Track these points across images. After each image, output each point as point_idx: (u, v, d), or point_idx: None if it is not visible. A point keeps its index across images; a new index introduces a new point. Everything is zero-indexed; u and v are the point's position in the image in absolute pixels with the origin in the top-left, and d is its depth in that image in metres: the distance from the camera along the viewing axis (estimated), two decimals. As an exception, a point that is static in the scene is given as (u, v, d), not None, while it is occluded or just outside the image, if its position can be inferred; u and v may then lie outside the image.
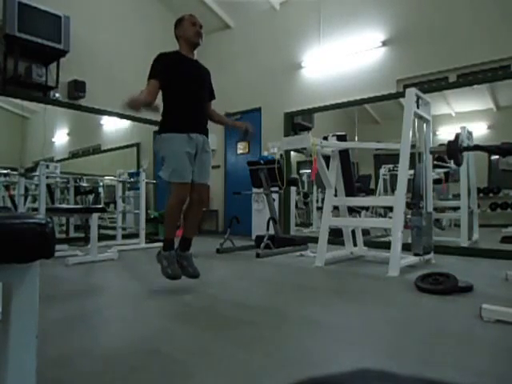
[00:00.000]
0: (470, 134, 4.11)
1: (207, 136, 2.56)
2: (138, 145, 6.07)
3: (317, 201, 5.89)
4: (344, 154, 3.61)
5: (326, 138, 3.45)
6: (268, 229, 4.28)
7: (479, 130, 4.53)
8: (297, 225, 5.77)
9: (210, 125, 2.83)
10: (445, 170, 4.68)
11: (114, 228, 5.34)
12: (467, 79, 4.40)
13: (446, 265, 3.24)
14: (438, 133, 4.54)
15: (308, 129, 5.70)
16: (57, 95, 4.92)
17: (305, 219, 6.22)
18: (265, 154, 5.61)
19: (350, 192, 3.64)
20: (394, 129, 3.35)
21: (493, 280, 2.69)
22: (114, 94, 5.51)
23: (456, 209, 4.34)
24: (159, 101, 2.47)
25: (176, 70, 2.44)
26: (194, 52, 2.59)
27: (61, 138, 5.61)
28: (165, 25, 6.47)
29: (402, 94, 3.83)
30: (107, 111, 5.55)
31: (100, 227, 4.16)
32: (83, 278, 2.96)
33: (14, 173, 4.62)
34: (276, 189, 4.56)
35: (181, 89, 2.45)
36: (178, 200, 2.37)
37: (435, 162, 3.94)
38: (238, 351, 1.43)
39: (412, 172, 3.45)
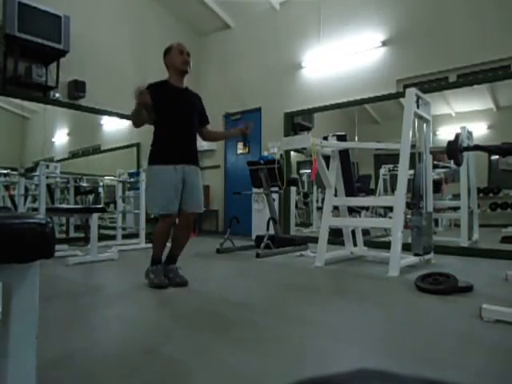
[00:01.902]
0: (470, 133, 4.11)
1: (197, 165, 2.62)
2: (137, 145, 6.07)
3: (317, 201, 5.89)
4: (344, 154, 3.61)
5: (326, 138, 3.45)
6: (268, 229, 4.28)
7: (479, 130, 4.53)
8: (297, 225, 5.77)
9: (211, 125, 2.83)
10: (444, 170, 4.68)
11: (114, 228, 5.33)
12: (467, 79, 4.40)
13: (445, 265, 3.24)
14: (437, 133, 4.54)
15: (308, 129, 5.69)
16: (57, 95, 4.92)
17: (305, 219, 6.22)
18: (265, 154, 5.61)
19: (350, 192, 3.64)
20: (394, 129, 3.35)
21: (493, 280, 2.69)
22: (114, 94, 5.53)
23: (456, 209, 4.34)
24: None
25: (165, 101, 2.49)
26: (183, 80, 2.60)
27: (61, 138, 5.61)
28: (165, 25, 6.50)
29: (401, 94, 3.83)
30: (107, 111, 5.55)
31: (100, 227, 4.15)
32: (83, 278, 2.96)
33: (14, 173, 4.62)
34: (276, 189, 4.56)
35: (170, 120, 2.50)
36: (164, 228, 2.54)
37: (435, 162, 3.94)
38: (238, 351, 1.43)
39: (412, 172, 3.45)
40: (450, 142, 2.19)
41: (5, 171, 4.68)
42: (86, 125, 5.72)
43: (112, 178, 5.52)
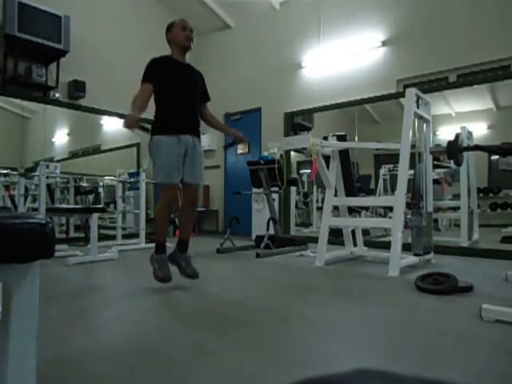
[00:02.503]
0: (470, 133, 4.11)
1: (199, 137, 2.61)
2: (137, 145, 6.07)
3: (317, 201, 5.89)
4: (344, 154, 3.60)
5: (326, 138, 3.45)
6: (268, 229, 4.28)
7: (479, 130, 4.53)
8: (297, 225, 5.77)
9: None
10: (444, 170, 4.68)
11: (114, 228, 5.33)
12: (467, 79, 4.40)
13: (445, 265, 3.24)
14: (438, 133, 4.54)
15: (308, 129, 5.69)
16: (57, 95, 4.92)
17: (305, 219, 6.22)
18: (265, 154, 5.61)
19: (350, 192, 3.64)
20: (394, 129, 3.35)
21: (493, 280, 2.69)
22: (114, 94, 5.52)
23: (456, 209, 4.34)
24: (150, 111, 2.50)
25: (167, 73, 2.49)
26: (185, 56, 2.61)
27: (61, 138, 5.61)
28: (164, 25, 6.46)
29: (401, 94, 3.83)
30: (107, 111, 5.55)
31: (100, 227, 4.16)
32: (83, 278, 2.96)
33: (14, 173, 4.62)
34: (276, 189, 4.56)
35: (171, 92, 2.50)
36: (165, 202, 2.46)
37: (435, 162, 3.94)
38: (238, 351, 1.43)
39: (412, 172, 3.45)
40: (449, 142, 2.19)
41: (5, 171, 4.68)
42: (86, 125, 5.72)
43: (112, 177, 5.52)
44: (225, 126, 3.05)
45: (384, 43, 4.95)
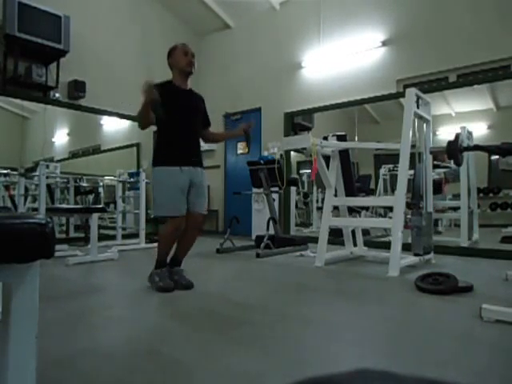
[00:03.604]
0: (470, 134, 4.11)
1: (201, 166, 2.60)
2: (137, 145, 6.07)
3: (317, 201, 5.89)
4: (344, 154, 3.61)
5: (326, 138, 3.45)
6: (268, 229, 4.28)
7: (479, 130, 4.53)
8: (297, 225, 5.77)
9: (211, 125, 2.83)
10: (444, 169, 4.68)
11: (114, 228, 5.33)
12: (467, 79, 4.40)
13: (445, 265, 3.24)
14: (437, 133, 4.53)
15: (308, 129, 5.69)
16: (57, 95, 4.92)
17: (305, 219, 6.22)
18: (265, 154, 5.61)
19: (350, 192, 3.64)
20: (394, 129, 3.35)
21: (493, 280, 2.69)
22: (114, 94, 5.53)
23: (456, 209, 4.34)
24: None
25: (169, 102, 2.42)
26: (187, 81, 2.58)
27: (61, 138, 5.61)
28: (165, 25, 6.49)
29: (402, 94, 3.83)
30: (107, 111, 5.55)
31: (100, 227, 4.16)
32: (83, 278, 2.96)
33: (14, 173, 4.62)
34: (276, 189, 4.56)
35: (173, 121, 2.47)
36: (173, 229, 2.46)
37: (435, 162, 3.95)
38: (238, 351, 1.43)
39: (412, 172, 3.45)
40: (449, 142, 2.19)
41: (5, 171, 4.68)
42: (86, 125, 5.72)
43: (112, 177, 5.52)
44: (227, 132, 3.03)
45: (384, 43, 4.95)
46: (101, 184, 5.67)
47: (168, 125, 2.48)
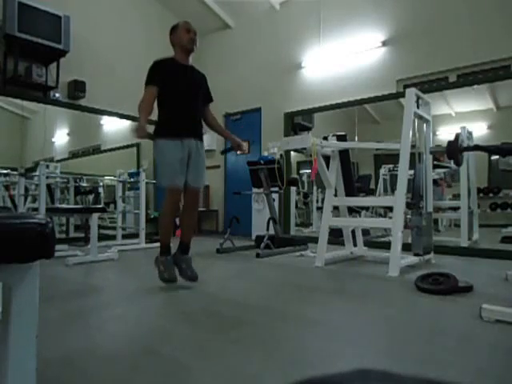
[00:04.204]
0: (470, 134, 4.11)
1: (201, 140, 2.62)
2: (138, 145, 6.07)
3: (317, 201, 5.89)
4: (344, 154, 3.60)
5: (325, 138, 3.45)
6: (268, 229, 4.28)
7: (479, 130, 4.53)
8: (297, 225, 5.77)
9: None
10: (444, 170, 4.69)
11: (114, 228, 5.33)
12: (467, 79, 4.40)
13: (445, 265, 3.24)
14: (438, 133, 4.54)
15: (308, 129, 5.69)
16: (57, 95, 4.92)
17: (305, 219, 6.22)
18: (265, 154, 5.61)
19: (350, 192, 3.64)
20: (394, 129, 3.35)
21: (493, 280, 2.69)
22: (114, 94, 5.53)
23: (456, 209, 4.34)
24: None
25: (170, 76, 2.50)
26: (189, 58, 2.62)
27: (61, 138, 5.61)
28: (164, 25, 6.45)
29: (402, 94, 3.83)
30: (107, 111, 5.55)
31: (100, 227, 4.16)
32: (83, 278, 2.96)
33: (14, 173, 4.61)
34: (276, 189, 4.55)
35: (174, 95, 2.51)
36: (170, 205, 2.48)
37: (435, 162, 3.95)
38: (238, 351, 1.43)
39: (412, 172, 3.45)
40: (449, 142, 2.19)
41: (5, 171, 4.68)
42: (86, 125, 5.72)
43: (112, 178, 5.52)
44: (225, 130, 3.06)
45: (384, 43, 4.95)
46: (101, 184, 5.67)
47: (169, 99, 2.50)
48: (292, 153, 5.63)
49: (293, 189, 5.61)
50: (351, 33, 5.20)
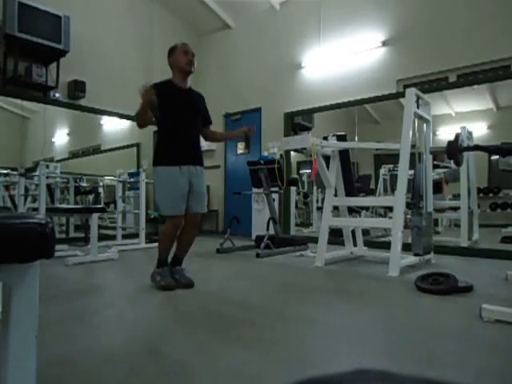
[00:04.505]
0: (470, 134, 4.11)
1: (202, 165, 2.62)
2: (138, 145, 6.07)
3: (317, 201, 5.89)
4: (344, 154, 3.60)
5: (325, 138, 3.45)
6: (268, 229, 4.28)
7: (479, 130, 4.53)
8: (297, 225, 5.77)
9: (212, 126, 2.84)
10: (444, 170, 4.68)
11: (114, 228, 5.33)
12: (467, 79, 4.40)
13: (445, 265, 3.24)
14: (438, 133, 4.53)
15: (308, 129, 5.69)
16: (57, 95, 4.92)
17: (305, 219, 6.22)
18: (265, 154, 5.61)
19: (350, 192, 3.64)
20: (394, 129, 3.35)
21: (493, 280, 2.69)
22: (114, 94, 5.53)
23: (456, 209, 4.34)
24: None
25: (169, 100, 2.47)
26: (187, 80, 2.60)
27: (61, 138, 5.61)
28: (165, 25, 6.49)
29: (402, 94, 3.83)
30: (107, 111, 5.55)
31: (100, 227, 4.16)
32: (83, 278, 2.96)
33: (14, 173, 4.62)
34: (276, 189, 4.56)
35: (173, 120, 2.50)
36: (171, 229, 2.51)
37: (435, 162, 3.95)
38: (238, 351, 1.43)
39: (412, 172, 3.45)
40: (449, 142, 2.19)
41: (5, 171, 4.68)
42: (86, 125, 5.72)
43: (112, 178, 5.52)
44: (227, 132, 3.05)
45: (384, 43, 4.95)
46: (101, 184, 5.67)
47: (168, 124, 2.49)
48: (292, 153, 5.63)
49: (293, 189, 5.61)
50: (351, 33, 5.20)
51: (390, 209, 3.29)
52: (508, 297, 2.19)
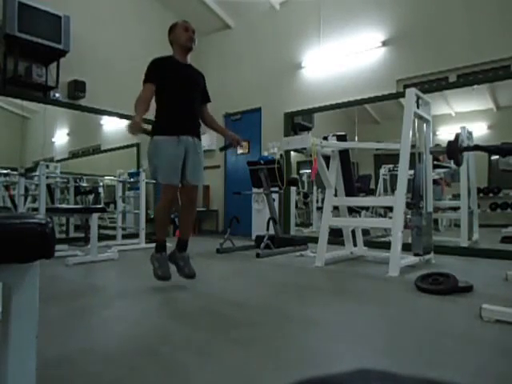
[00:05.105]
0: (470, 134, 4.10)
1: (199, 138, 2.62)
2: (137, 145, 6.07)
3: (317, 201, 5.89)
4: (344, 154, 3.60)
5: (325, 138, 3.45)
6: (268, 229, 4.28)
7: (479, 130, 4.53)
8: (297, 225, 5.77)
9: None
10: (444, 170, 4.69)
11: (114, 228, 5.33)
12: (467, 79, 4.40)
13: (445, 265, 3.24)
14: (438, 133, 4.53)
15: (308, 129, 5.69)
16: (57, 95, 4.92)
17: (305, 219, 6.22)
18: (265, 154, 5.61)
19: (350, 192, 3.64)
20: (394, 129, 3.35)
21: (493, 280, 2.69)
22: (114, 94, 5.53)
23: (456, 209, 4.34)
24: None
25: (168, 74, 2.50)
26: (187, 56, 2.63)
27: (61, 138, 5.61)
28: (164, 25, 6.43)
29: (402, 94, 3.83)
30: (107, 111, 5.55)
31: (100, 227, 4.15)
32: (83, 278, 2.96)
33: (14, 173, 4.61)
34: (276, 189, 4.56)
35: (172, 92, 2.51)
36: (165, 202, 2.47)
37: (435, 162, 3.94)
38: (238, 351, 1.42)
39: (412, 172, 3.45)
40: (449, 142, 2.19)
41: (5, 171, 4.68)
42: (86, 125, 5.72)
43: (112, 178, 5.52)
44: (223, 128, 3.05)
45: (384, 43, 4.95)
46: (101, 184, 5.67)
47: (167, 96, 2.50)
48: (292, 153, 5.63)
49: (293, 189, 5.61)
50: (351, 33, 5.20)
51: (390, 209, 3.29)
52: (508, 297, 2.19)
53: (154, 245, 2.65)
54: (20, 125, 5.12)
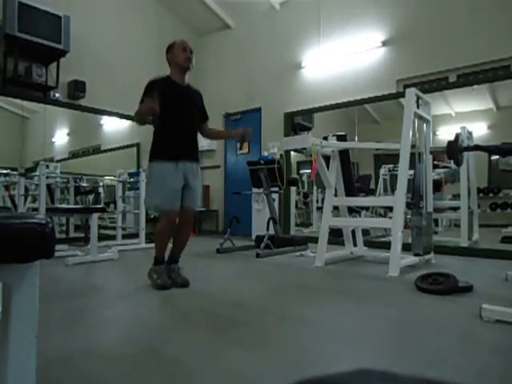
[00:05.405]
0: (470, 134, 4.10)
1: (197, 161, 2.63)
2: (137, 145, 6.07)
3: (317, 201, 5.89)
4: (344, 154, 3.60)
5: (325, 138, 3.45)
6: (268, 229, 4.28)
7: (479, 130, 4.53)
8: (297, 225, 5.77)
9: (211, 125, 2.84)
10: (444, 170, 4.68)
11: (114, 228, 5.33)
12: (467, 79, 4.40)
13: (446, 265, 3.24)
14: (438, 133, 4.53)
15: (308, 129, 5.69)
16: (57, 95, 4.92)
17: (305, 219, 6.22)
18: (265, 154, 5.61)
19: (350, 192, 3.64)
20: (394, 129, 3.35)
21: (493, 280, 2.69)
22: (114, 94, 5.53)
23: (456, 209, 4.34)
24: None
25: (167, 96, 2.48)
26: (185, 76, 2.61)
27: (61, 138, 5.61)
28: (164, 25, 6.49)
29: (402, 94, 3.83)
30: (107, 111, 5.55)
31: (100, 227, 4.15)
32: (83, 278, 2.96)
33: (14, 173, 4.61)
34: (276, 189, 4.56)
35: (170, 116, 2.50)
36: (166, 225, 2.51)
37: (435, 162, 3.95)
38: (238, 351, 1.43)
39: (412, 172, 3.44)
40: (449, 142, 2.19)
41: (5, 171, 4.68)
42: (86, 125, 5.72)
43: (112, 178, 5.52)
44: (224, 132, 3.06)
45: (384, 43, 4.95)
46: (101, 184, 5.67)
47: (165, 119, 2.49)
48: (292, 153, 5.63)
49: (293, 189, 5.61)
50: (351, 33, 5.20)
51: (390, 209, 3.29)
52: (508, 297, 2.19)
53: (153, 245, 2.66)
54: (20, 125, 5.12)
